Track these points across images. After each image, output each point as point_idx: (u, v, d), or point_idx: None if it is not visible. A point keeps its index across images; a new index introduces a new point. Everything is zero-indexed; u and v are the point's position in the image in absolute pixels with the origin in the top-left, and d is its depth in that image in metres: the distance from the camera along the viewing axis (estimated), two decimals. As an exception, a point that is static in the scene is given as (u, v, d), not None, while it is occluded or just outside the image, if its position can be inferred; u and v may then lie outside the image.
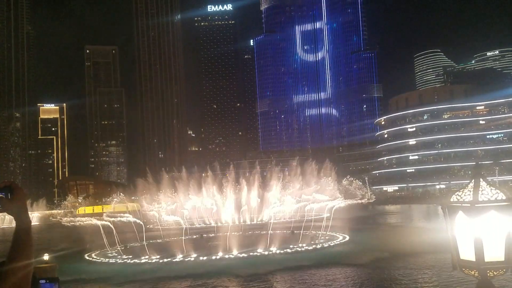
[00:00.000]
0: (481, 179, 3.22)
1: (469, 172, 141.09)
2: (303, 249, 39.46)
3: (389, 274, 25.64)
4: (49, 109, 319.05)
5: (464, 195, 3.19)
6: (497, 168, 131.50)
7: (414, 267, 27.17)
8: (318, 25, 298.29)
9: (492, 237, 3.06)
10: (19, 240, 2.06)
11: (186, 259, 36.27)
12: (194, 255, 37.18)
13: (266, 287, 24.62)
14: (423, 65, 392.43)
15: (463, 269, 3.13)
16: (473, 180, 3.23)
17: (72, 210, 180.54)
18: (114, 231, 44.40)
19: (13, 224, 2.10)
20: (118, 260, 39.01)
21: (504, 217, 3.08)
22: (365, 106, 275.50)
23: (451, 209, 3.23)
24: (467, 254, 3.11)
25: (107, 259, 39.60)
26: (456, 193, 3.29)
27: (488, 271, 3.01)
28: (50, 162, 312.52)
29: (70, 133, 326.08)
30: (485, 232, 3.05)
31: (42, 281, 6.46)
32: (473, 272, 3.08)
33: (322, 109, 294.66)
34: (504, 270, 3.03)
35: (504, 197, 3.14)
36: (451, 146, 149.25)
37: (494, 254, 3.02)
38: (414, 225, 58.67)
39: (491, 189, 3.19)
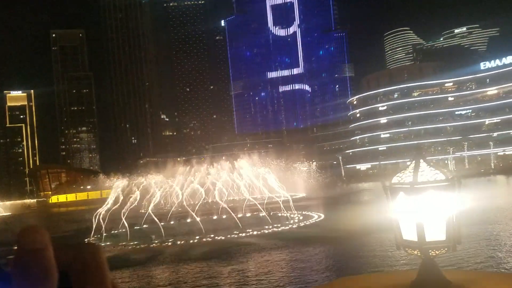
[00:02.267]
0: (421, 160, 3.26)
1: (439, 148, 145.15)
2: (279, 229, 39.94)
3: (360, 252, 26.22)
4: (16, 96, 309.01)
5: (405, 176, 3.23)
6: (465, 143, 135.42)
7: (386, 243, 27.84)
8: (289, 4, 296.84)
9: (433, 217, 3.12)
10: None
11: (163, 244, 36.25)
12: (171, 240, 37.18)
13: (239, 268, 24.87)
14: (393, 44, 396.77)
15: (406, 249, 3.19)
16: (413, 161, 3.26)
17: (45, 199, 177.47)
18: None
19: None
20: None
21: (444, 197, 3.13)
22: (337, 86, 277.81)
23: (392, 190, 3.27)
24: (409, 234, 3.16)
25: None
26: (397, 174, 3.33)
27: (430, 251, 3.07)
28: (20, 150, 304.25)
29: (39, 121, 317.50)
30: (426, 212, 3.10)
31: None
32: (416, 252, 3.14)
33: (296, 91, 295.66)
34: (445, 249, 3.09)
35: (443, 177, 3.19)
36: (421, 123, 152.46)
37: (435, 233, 3.08)
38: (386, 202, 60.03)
39: (431, 170, 3.22)
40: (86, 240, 41.83)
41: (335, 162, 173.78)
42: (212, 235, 37.64)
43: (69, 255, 0.80)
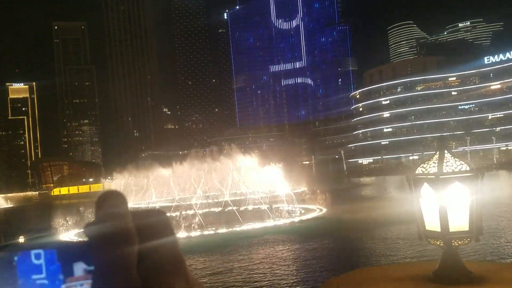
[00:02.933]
0: (445, 151, 3.23)
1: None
2: (281, 223, 40.04)
3: (364, 244, 26.26)
4: (18, 89, 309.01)
5: (429, 167, 3.20)
6: (468, 138, 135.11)
7: (388, 237, 27.90)
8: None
9: (457, 207, 3.10)
10: None
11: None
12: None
13: (242, 259, 24.94)
14: (396, 38, 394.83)
15: (429, 239, 3.18)
16: (437, 152, 3.24)
17: (47, 191, 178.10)
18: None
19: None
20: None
21: (468, 188, 3.11)
22: (340, 80, 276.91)
23: (416, 181, 3.25)
24: (432, 224, 3.16)
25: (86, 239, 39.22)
26: (421, 165, 3.31)
27: (453, 241, 3.06)
28: (22, 143, 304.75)
29: (41, 113, 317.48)
30: (450, 203, 3.09)
31: None
32: (438, 242, 3.13)
33: (299, 84, 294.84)
34: (468, 239, 3.09)
35: (468, 168, 3.17)
36: (424, 118, 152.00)
37: (459, 224, 3.07)
38: (388, 196, 60.03)
39: (456, 161, 3.20)
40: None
41: (337, 156, 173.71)
42: (213, 228, 37.77)
43: (141, 221, 0.81)
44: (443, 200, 3.14)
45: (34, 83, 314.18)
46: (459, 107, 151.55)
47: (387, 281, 3.36)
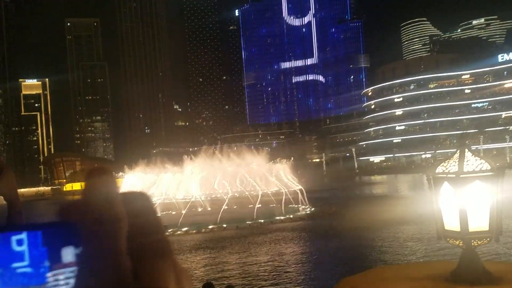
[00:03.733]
0: (466, 150, 3.18)
1: (454, 141, 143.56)
2: (290, 220, 40.05)
3: (374, 245, 26.11)
4: (31, 85, 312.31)
5: (450, 166, 3.16)
6: (481, 136, 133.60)
7: (399, 237, 27.71)
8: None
9: (477, 207, 3.06)
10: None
11: (177, 233, 36.59)
12: (185, 228, 37.54)
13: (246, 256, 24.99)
14: (409, 34, 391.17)
15: (448, 239, 3.14)
16: (458, 151, 3.19)
17: (59, 187, 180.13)
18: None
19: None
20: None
21: (489, 187, 3.07)
22: (352, 76, 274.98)
23: (436, 180, 3.21)
24: (451, 224, 3.12)
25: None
26: (441, 164, 3.26)
27: (472, 241, 3.03)
28: (35, 138, 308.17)
29: (54, 109, 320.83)
30: (470, 202, 3.05)
31: None
32: (457, 242, 3.09)
33: (309, 81, 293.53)
34: (488, 239, 3.05)
35: (489, 167, 3.12)
36: (437, 116, 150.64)
37: (479, 223, 3.03)
38: (399, 195, 59.63)
39: (476, 160, 3.15)
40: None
41: (348, 154, 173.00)
42: (224, 225, 37.90)
43: (126, 204, 0.80)
44: (463, 199, 3.15)
45: (47, 79, 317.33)
46: (472, 105, 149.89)
47: (405, 280, 3.32)
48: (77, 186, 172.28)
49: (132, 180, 59.11)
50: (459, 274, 3.08)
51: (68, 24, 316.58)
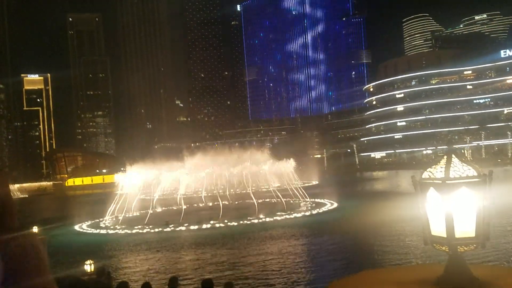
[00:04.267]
0: (453, 155, 3.22)
1: (456, 137, 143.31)
2: (291, 216, 40.12)
3: (373, 241, 26.16)
4: (33, 80, 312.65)
5: (436, 172, 3.20)
6: (483, 132, 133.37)
7: (398, 234, 27.76)
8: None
9: (463, 213, 3.10)
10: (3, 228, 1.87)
11: (177, 229, 36.71)
12: (186, 224, 37.67)
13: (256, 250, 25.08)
14: (411, 30, 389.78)
15: (434, 244, 3.18)
16: (445, 157, 3.23)
17: (61, 182, 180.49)
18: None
19: None
20: (109, 230, 39.32)
21: (475, 193, 3.11)
22: (353, 72, 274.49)
23: (422, 185, 3.25)
24: (438, 230, 3.15)
25: (98, 230, 39.90)
26: (428, 169, 3.31)
27: (458, 247, 3.07)
28: (37, 133, 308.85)
29: (55, 104, 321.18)
30: (456, 209, 3.08)
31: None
32: (444, 248, 3.13)
33: (311, 77, 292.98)
34: (474, 245, 3.08)
35: (475, 173, 3.15)
36: (438, 112, 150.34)
37: (465, 230, 3.06)
38: (400, 191, 59.65)
39: (463, 166, 3.19)
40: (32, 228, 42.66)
41: (349, 150, 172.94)
42: (225, 221, 37.99)
43: (3, 244, 0.83)
44: (449, 205, 3.16)
45: (48, 74, 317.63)
46: (474, 101, 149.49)
47: (392, 284, 3.35)
48: (78, 181, 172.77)
49: (133, 176, 59.15)
50: (446, 279, 3.10)
51: (70, 19, 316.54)
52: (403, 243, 24.87)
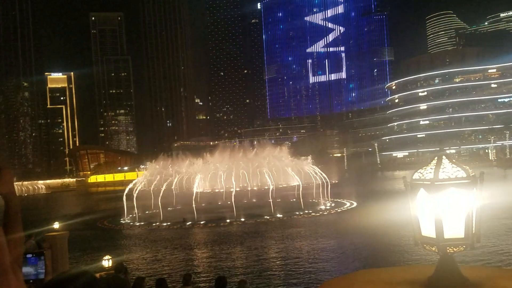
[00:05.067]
0: (443, 157, 3.22)
1: (480, 137, 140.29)
2: (309, 215, 40.02)
3: (389, 242, 25.89)
4: (57, 78, 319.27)
5: (426, 173, 3.22)
6: (507, 132, 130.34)
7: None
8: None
9: (452, 214, 3.10)
10: (8, 224, 2.02)
11: (196, 225, 37.06)
12: (203, 222, 37.97)
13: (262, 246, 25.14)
14: (435, 27, 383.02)
15: (424, 245, 3.18)
16: (435, 158, 3.24)
17: (84, 178, 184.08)
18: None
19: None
20: (130, 227, 39.98)
21: (464, 195, 3.11)
22: (376, 70, 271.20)
23: (413, 186, 3.26)
24: (427, 230, 3.16)
25: (119, 226, 40.58)
26: (418, 171, 3.33)
27: (447, 248, 3.07)
28: (60, 131, 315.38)
29: (78, 102, 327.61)
30: (445, 210, 3.09)
31: (29, 255, 6.70)
32: (433, 249, 3.14)
33: (332, 74, 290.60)
34: (463, 246, 3.08)
35: (464, 175, 3.16)
36: (462, 110, 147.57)
37: (454, 231, 3.06)
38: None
39: (453, 167, 3.19)
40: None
41: (370, 149, 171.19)
42: (242, 219, 38.13)
43: None
44: (439, 206, 3.18)
45: (72, 73, 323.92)
46: (499, 100, 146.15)
47: (383, 284, 3.36)
48: (101, 178, 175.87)
49: (154, 172, 59.88)
50: (436, 280, 3.11)
51: (93, 18, 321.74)
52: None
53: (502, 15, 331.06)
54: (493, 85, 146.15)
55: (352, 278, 3.44)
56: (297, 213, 40.84)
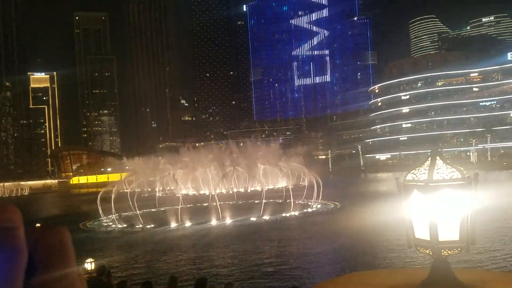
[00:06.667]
0: (437, 158, 3.16)
1: (461, 140, 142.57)
2: (293, 216, 40.08)
3: (373, 243, 26.04)
4: (39, 78, 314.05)
5: (420, 173, 3.15)
6: (488, 135, 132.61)
7: (397, 237, 27.59)
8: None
9: (447, 216, 3.04)
10: None
11: (180, 227, 36.74)
12: (189, 224, 37.68)
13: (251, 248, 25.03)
14: (418, 31, 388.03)
15: (418, 248, 3.12)
16: (429, 159, 3.18)
17: (66, 180, 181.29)
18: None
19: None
20: (112, 229, 39.43)
21: (459, 196, 3.05)
22: (359, 73, 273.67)
23: (406, 187, 3.19)
24: (422, 233, 3.09)
25: (101, 228, 40.00)
26: (411, 171, 3.25)
27: (442, 251, 3.00)
28: (43, 132, 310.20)
29: (61, 103, 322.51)
30: (440, 211, 3.02)
31: None
32: (427, 251, 3.07)
33: (316, 77, 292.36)
34: (458, 249, 3.02)
35: (459, 176, 3.10)
36: (444, 114, 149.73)
37: (449, 233, 3.00)
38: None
39: (447, 168, 3.13)
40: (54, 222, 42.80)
41: (354, 151, 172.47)
42: (227, 220, 37.97)
43: (35, 237, 0.81)
44: (433, 208, 3.14)
45: (55, 73, 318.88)
46: (480, 103, 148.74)
47: (376, 287, 3.31)
48: (83, 179, 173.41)
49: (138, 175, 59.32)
50: (430, 283, 3.07)
51: (77, 18, 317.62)
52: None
53: (484, 19, 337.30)
54: (474, 89, 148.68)
55: (345, 281, 3.38)
56: (284, 214, 40.87)
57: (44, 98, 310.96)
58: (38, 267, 0.78)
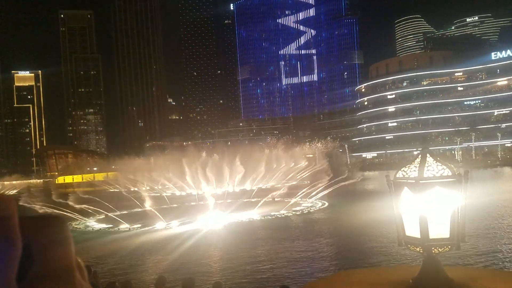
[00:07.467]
0: (427, 155, 3.13)
1: (446, 138, 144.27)
2: (282, 215, 40.06)
3: (360, 241, 26.19)
4: (24, 76, 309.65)
5: (410, 171, 3.11)
6: (473, 134, 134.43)
7: (387, 234, 27.79)
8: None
9: (437, 213, 3.02)
10: None
11: (167, 227, 36.51)
12: (176, 223, 37.46)
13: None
14: (404, 31, 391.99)
15: (409, 245, 3.10)
16: (419, 156, 3.15)
17: (52, 179, 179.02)
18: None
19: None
20: (95, 228, 39.07)
21: (450, 194, 3.03)
22: (346, 73, 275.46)
23: (396, 185, 3.16)
24: (412, 230, 3.07)
25: (85, 228, 39.61)
26: (402, 169, 3.22)
27: (432, 248, 2.98)
28: (27, 131, 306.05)
29: (46, 101, 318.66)
30: (430, 209, 3.00)
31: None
32: (418, 249, 3.04)
33: (304, 76, 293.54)
34: (449, 247, 3.00)
35: (450, 173, 3.08)
36: (430, 113, 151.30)
37: (439, 231, 2.98)
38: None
39: (437, 165, 3.11)
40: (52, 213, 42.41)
41: (341, 150, 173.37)
42: (217, 219, 37.84)
43: (33, 227, 0.78)
44: (423, 205, 3.12)
45: (39, 71, 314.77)
46: (465, 102, 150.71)
47: (366, 285, 3.29)
48: (69, 179, 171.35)
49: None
50: (421, 280, 3.04)
51: (62, 16, 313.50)
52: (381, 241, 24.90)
53: (468, 19, 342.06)
54: (459, 88, 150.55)
55: (334, 279, 3.36)
56: (273, 213, 40.86)
57: (29, 96, 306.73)
58: (36, 259, 0.76)
